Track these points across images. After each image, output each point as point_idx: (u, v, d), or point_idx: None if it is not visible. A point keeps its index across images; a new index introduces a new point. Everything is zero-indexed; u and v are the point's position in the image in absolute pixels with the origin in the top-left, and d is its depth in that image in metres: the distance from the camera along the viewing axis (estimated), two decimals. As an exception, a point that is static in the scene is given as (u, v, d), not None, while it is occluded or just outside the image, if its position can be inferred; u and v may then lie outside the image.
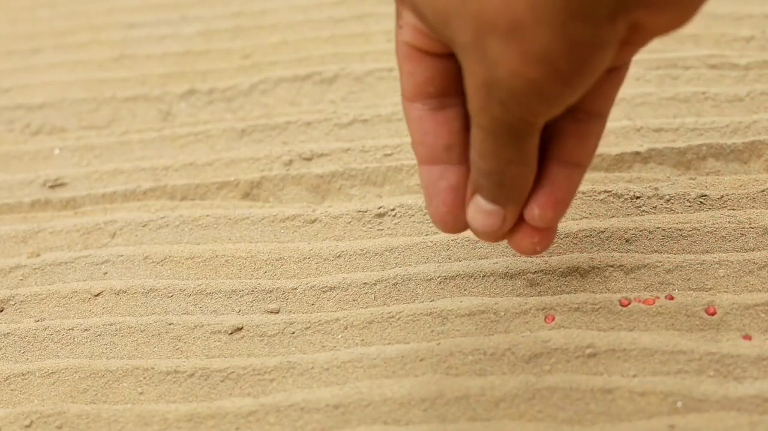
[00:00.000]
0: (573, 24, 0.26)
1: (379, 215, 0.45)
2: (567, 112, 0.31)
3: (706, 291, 0.39)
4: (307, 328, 0.40)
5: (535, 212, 0.33)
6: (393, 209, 0.45)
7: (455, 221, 0.34)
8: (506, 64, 0.27)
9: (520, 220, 0.34)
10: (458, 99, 0.32)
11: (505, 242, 0.42)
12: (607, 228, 0.42)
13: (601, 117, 0.33)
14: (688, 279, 0.40)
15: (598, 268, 0.41)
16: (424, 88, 0.32)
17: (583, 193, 0.44)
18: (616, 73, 0.32)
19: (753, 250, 0.41)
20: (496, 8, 0.26)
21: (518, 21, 0.26)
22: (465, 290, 0.41)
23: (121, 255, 0.45)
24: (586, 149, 0.33)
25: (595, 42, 0.27)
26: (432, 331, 0.39)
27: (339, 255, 0.43)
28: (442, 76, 0.32)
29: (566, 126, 0.33)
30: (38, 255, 0.46)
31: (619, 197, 0.44)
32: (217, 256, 0.44)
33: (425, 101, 0.33)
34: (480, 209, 0.33)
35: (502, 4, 0.26)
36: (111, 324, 0.41)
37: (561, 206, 0.33)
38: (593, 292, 0.40)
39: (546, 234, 0.34)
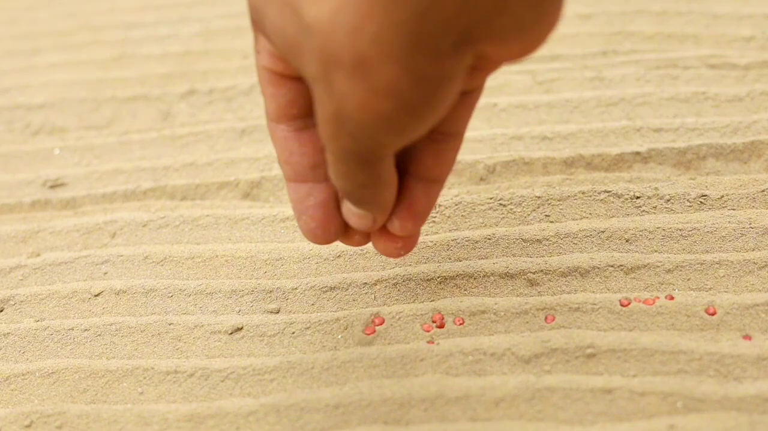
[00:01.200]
0: (417, 59, 0.26)
1: (379, 215, 0.45)
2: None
3: (706, 291, 0.39)
4: (307, 328, 0.40)
5: (395, 224, 0.34)
6: (393, 209, 0.45)
7: (325, 235, 0.34)
8: (353, 99, 0.27)
9: (384, 227, 0.35)
10: None
11: (505, 243, 0.42)
12: (607, 228, 0.42)
13: (457, 136, 0.34)
14: (688, 279, 0.40)
15: (598, 268, 0.41)
16: (287, 111, 0.33)
17: (583, 193, 0.45)
18: (469, 95, 0.33)
19: (753, 250, 0.41)
20: (340, 44, 0.26)
21: (363, 57, 0.26)
22: (465, 290, 0.41)
23: (121, 255, 0.45)
24: (443, 166, 0.34)
25: (440, 75, 0.27)
26: (432, 331, 0.39)
27: (339, 255, 0.43)
28: (304, 98, 0.32)
29: (423, 146, 0.33)
30: (38, 255, 0.46)
31: (619, 197, 0.44)
32: (217, 256, 0.44)
33: (289, 123, 0.33)
34: (351, 211, 0.33)
35: (345, 40, 0.26)
36: (111, 324, 0.41)
37: (420, 218, 0.34)
38: (593, 292, 0.40)
39: (409, 240, 0.36)
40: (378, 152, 0.29)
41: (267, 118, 0.33)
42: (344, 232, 0.35)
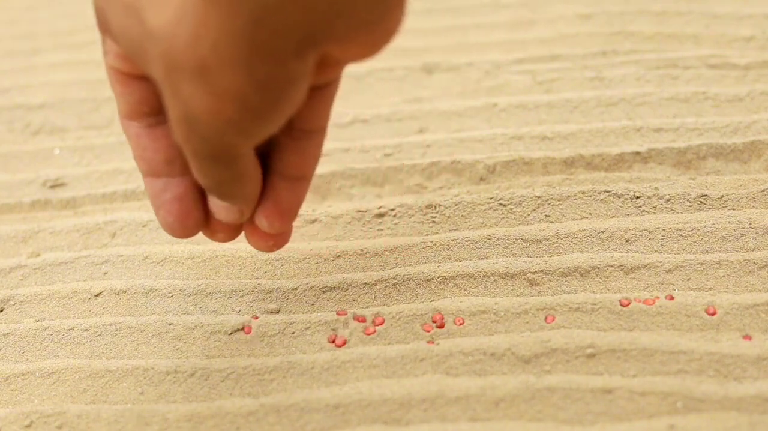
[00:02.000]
0: (259, 64, 0.26)
1: (379, 215, 0.45)
2: (283, 130, 0.31)
3: (706, 291, 0.39)
4: (307, 328, 0.40)
5: (263, 222, 0.34)
6: (393, 209, 0.45)
7: (183, 228, 0.34)
8: (198, 104, 0.27)
9: (255, 224, 0.35)
10: None
11: (505, 243, 0.42)
12: (607, 228, 0.42)
13: (318, 132, 0.34)
14: (688, 279, 0.40)
15: (598, 268, 0.41)
16: (137, 108, 0.33)
17: (583, 193, 0.45)
18: (324, 90, 0.33)
19: (753, 250, 0.41)
20: (182, 51, 0.26)
21: (204, 64, 0.26)
22: (465, 290, 0.41)
23: (121, 255, 0.45)
24: (307, 163, 0.34)
25: (284, 79, 0.27)
26: (432, 331, 0.39)
27: (339, 255, 0.43)
28: (155, 96, 0.32)
29: (285, 143, 0.33)
30: (38, 255, 0.46)
31: (619, 197, 0.44)
32: (217, 256, 0.44)
33: (141, 120, 0.33)
34: (217, 204, 0.34)
35: (186, 46, 0.26)
36: (111, 324, 0.41)
37: (287, 216, 0.35)
38: (593, 292, 0.40)
39: (280, 236, 0.36)
40: (232, 151, 0.29)
41: (119, 115, 0.33)
42: (206, 226, 0.35)
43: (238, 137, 0.29)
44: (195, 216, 0.34)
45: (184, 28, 0.26)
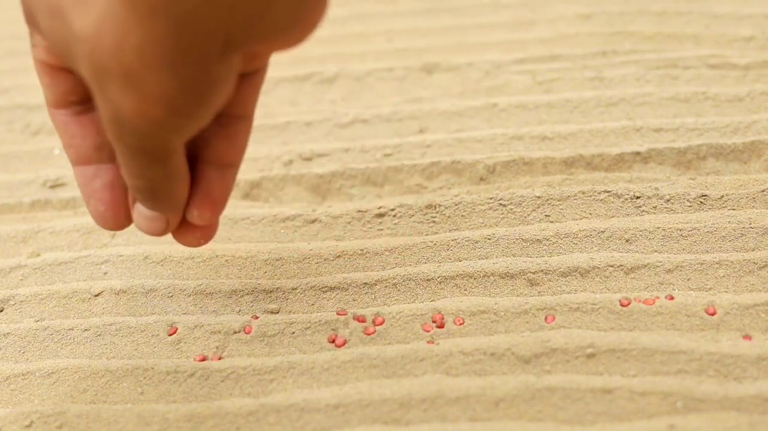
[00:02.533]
0: (184, 68, 0.26)
1: (379, 215, 0.45)
2: (212, 119, 0.31)
3: (706, 291, 0.39)
4: (307, 328, 0.40)
5: (194, 213, 0.34)
6: (393, 209, 0.45)
7: (115, 218, 0.34)
8: (126, 105, 0.27)
9: (183, 218, 0.35)
10: None
11: (505, 243, 0.42)
12: (607, 228, 0.42)
13: (246, 118, 0.34)
14: (688, 279, 0.40)
15: (598, 268, 0.41)
16: (65, 98, 0.33)
17: (583, 193, 0.45)
18: (252, 77, 0.33)
19: (753, 250, 0.41)
20: (107, 56, 0.26)
21: (129, 68, 0.26)
22: (465, 290, 0.41)
23: (121, 255, 0.45)
24: (236, 150, 0.34)
25: (209, 79, 0.28)
26: (432, 331, 0.39)
27: (339, 255, 0.43)
28: (81, 86, 0.33)
29: (213, 131, 0.33)
30: (38, 255, 0.46)
31: (619, 197, 0.44)
32: (217, 256, 0.44)
33: (68, 108, 0.33)
34: (143, 215, 0.34)
35: (111, 51, 0.26)
36: (111, 324, 0.41)
37: (218, 205, 0.35)
38: (593, 292, 0.40)
39: (208, 229, 0.36)
40: (163, 147, 0.30)
41: (46, 104, 0.34)
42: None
43: (169, 134, 0.29)
44: (126, 205, 0.34)
45: (107, 33, 0.26)
